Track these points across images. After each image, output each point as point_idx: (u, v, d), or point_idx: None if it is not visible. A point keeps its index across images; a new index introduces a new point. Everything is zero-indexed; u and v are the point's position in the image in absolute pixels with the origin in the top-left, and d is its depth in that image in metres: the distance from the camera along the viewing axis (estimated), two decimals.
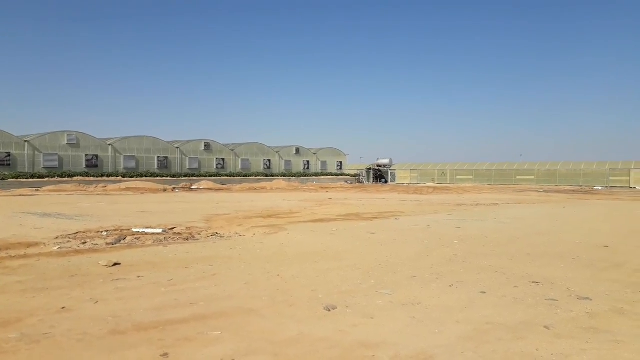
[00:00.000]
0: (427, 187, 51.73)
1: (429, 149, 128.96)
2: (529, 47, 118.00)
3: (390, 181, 68.16)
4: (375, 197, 30.51)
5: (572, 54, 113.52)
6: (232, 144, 57.37)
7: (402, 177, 68.40)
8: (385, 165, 69.76)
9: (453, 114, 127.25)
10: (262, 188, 44.59)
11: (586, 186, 53.90)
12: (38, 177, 39.51)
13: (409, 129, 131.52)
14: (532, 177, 59.96)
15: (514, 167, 61.99)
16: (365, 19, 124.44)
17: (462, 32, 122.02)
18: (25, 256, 8.79)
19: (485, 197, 31.28)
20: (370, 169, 70.58)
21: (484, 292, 6.37)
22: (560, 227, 14.29)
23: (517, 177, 60.81)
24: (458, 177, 64.68)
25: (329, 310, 5.47)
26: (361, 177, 67.66)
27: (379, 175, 70.07)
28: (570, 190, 44.75)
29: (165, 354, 4.13)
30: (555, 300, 6.02)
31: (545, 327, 4.97)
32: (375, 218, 16.59)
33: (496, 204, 24.59)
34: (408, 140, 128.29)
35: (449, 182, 63.62)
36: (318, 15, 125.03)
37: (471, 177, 63.63)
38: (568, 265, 8.30)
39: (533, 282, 6.96)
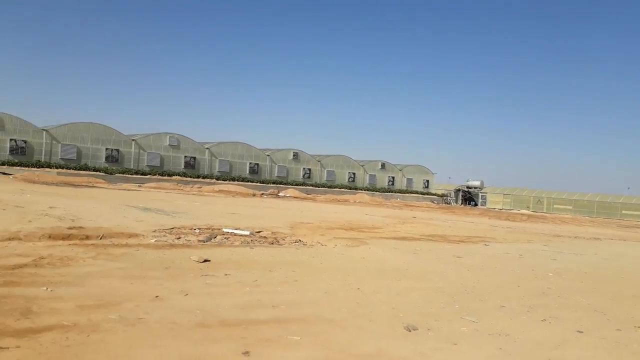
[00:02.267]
0: (521, 214, 48.98)
1: (525, 174, 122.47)
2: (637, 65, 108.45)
3: (481, 204, 65.44)
4: (463, 220, 29.43)
5: None
6: (319, 155, 58.33)
7: (494, 201, 65.41)
8: (475, 188, 67.17)
9: (553, 138, 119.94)
10: (345, 200, 44.79)
11: None
12: (141, 174, 42.80)
13: (503, 152, 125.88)
14: None
15: (620, 201, 57.01)
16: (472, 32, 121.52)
17: (567, 47, 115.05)
18: (126, 245, 9.50)
19: (585, 230, 29.00)
20: (459, 190, 68.32)
21: (581, 332, 5.86)
22: None
23: (623, 212, 55.85)
24: (555, 206, 60.67)
25: (410, 331, 5.32)
26: (449, 198, 65.68)
27: (469, 198, 67.59)
28: None
29: (247, 352, 4.23)
30: None
31: None
32: (462, 242, 15.97)
33: (598, 239, 22.68)
34: (502, 163, 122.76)
35: (545, 211, 59.83)
36: (411, 24, 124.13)
37: (570, 207, 59.40)
38: None
39: (639, 327, 6.29)
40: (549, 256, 13.53)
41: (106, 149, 43.50)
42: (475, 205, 65.41)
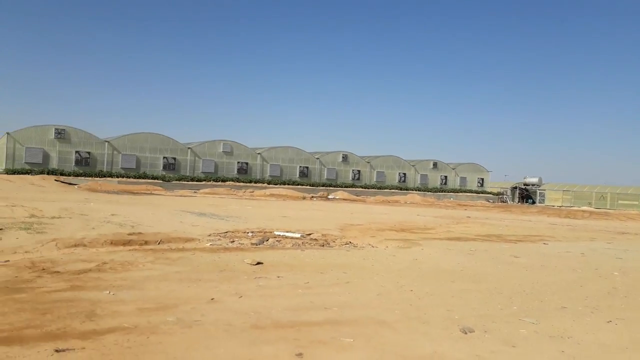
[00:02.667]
0: (582, 211, 46.69)
1: (586, 169, 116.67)
2: None
3: (539, 202, 62.97)
4: (520, 219, 28.41)
5: None
6: (368, 156, 58.04)
7: (553, 198, 62.75)
8: (533, 185, 64.71)
9: (615, 129, 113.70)
10: (396, 201, 44.30)
11: None
12: (197, 180, 44.17)
13: (563, 146, 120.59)
14: None
15: None
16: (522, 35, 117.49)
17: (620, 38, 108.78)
18: (183, 249, 9.82)
19: None
20: (516, 187, 66.05)
21: None
22: None
23: None
24: (620, 201, 57.42)
25: (466, 333, 5.18)
26: (505, 196, 63.60)
27: (526, 195, 65.20)
28: None
29: (300, 354, 4.26)
30: None
31: None
32: (520, 241, 15.41)
33: None
34: (561, 158, 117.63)
35: (608, 207, 56.76)
36: (456, 26, 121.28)
37: (636, 202, 56.04)
38: None
39: None
40: (613, 254, 12.82)
41: (163, 158, 45.19)
42: (533, 203, 62.98)
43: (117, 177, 41.12)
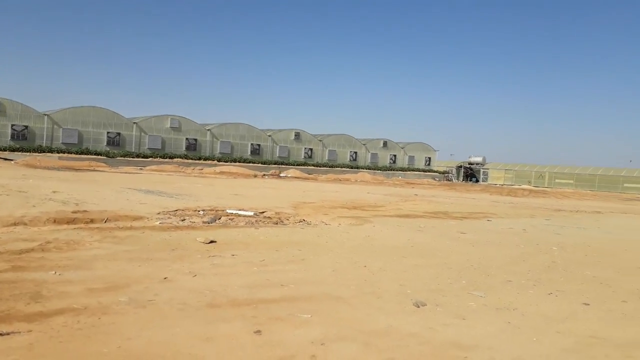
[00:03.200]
0: (523, 189, 48.99)
1: (526, 149, 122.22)
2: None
3: (482, 181, 65.43)
4: (465, 197, 29.45)
5: None
6: (321, 135, 58.13)
7: (495, 177, 65.40)
8: (477, 164, 67.05)
9: (554, 113, 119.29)
10: (347, 179, 44.78)
11: None
12: (143, 157, 42.77)
13: (505, 127, 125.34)
14: None
15: (622, 174, 56.97)
16: (466, 15, 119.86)
17: (569, 21, 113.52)
18: (131, 228, 9.52)
19: (586, 204, 29.02)
20: (460, 166, 68.21)
21: (587, 304, 5.89)
22: None
23: (625, 185, 55.84)
24: (557, 180, 60.67)
25: (418, 307, 5.35)
26: (450, 175, 65.61)
27: (470, 174, 67.52)
28: None
29: (259, 331, 4.26)
30: None
31: None
32: (465, 218, 16.00)
33: (599, 212, 22.72)
34: (503, 139, 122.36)
35: (546, 186, 59.85)
36: (411, 5, 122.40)
37: (572, 181, 59.40)
38: None
39: None
40: (552, 230, 13.56)
41: (107, 133, 43.36)
42: (477, 181, 65.39)
43: (58, 152, 39.14)
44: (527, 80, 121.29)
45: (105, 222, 10.11)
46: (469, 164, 67.74)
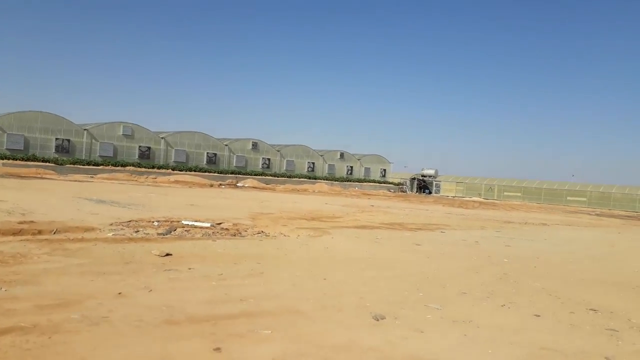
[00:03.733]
0: (473, 201, 50.53)
1: (477, 162, 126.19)
2: (583, 63, 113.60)
3: (435, 192, 67.08)
4: (418, 208, 30.09)
5: (629, 69, 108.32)
6: (278, 145, 58.00)
7: (447, 189, 67.20)
8: (430, 176, 68.76)
9: (503, 128, 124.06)
10: (305, 190, 44.85)
11: None
12: (94, 165, 41.26)
13: (456, 141, 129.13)
14: (584, 198, 57.66)
15: (565, 187, 59.79)
16: (421, 26, 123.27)
17: (517, 40, 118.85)
18: (82, 240, 9.16)
19: (533, 216, 30.27)
20: (414, 178, 69.72)
21: (538, 316, 6.13)
22: (617, 254, 13.64)
23: (568, 198, 58.61)
24: (505, 193, 62.95)
25: (378, 320, 5.41)
26: (404, 187, 66.87)
27: (423, 186, 69.12)
28: (625, 216, 42.65)
29: (218, 349, 4.18)
30: (615, 330, 5.73)
31: (606, 358, 4.73)
32: (420, 229, 16.34)
33: (545, 224, 23.75)
34: (455, 152, 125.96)
35: (495, 198, 61.98)
36: (365, 19, 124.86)
37: (519, 194, 61.79)
38: (628, 295, 7.89)
39: (591, 310, 6.64)
40: (502, 242, 14.06)
41: (56, 139, 41.59)
42: (430, 193, 66.98)
43: (2, 159, 37.18)
44: (479, 95, 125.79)
45: (54, 233, 9.68)
46: (422, 176, 69.36)
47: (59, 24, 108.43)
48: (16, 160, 37.54)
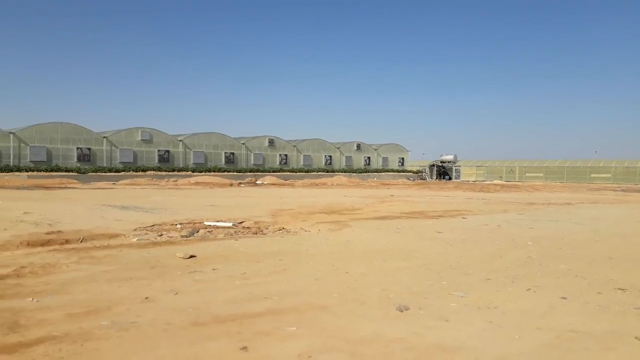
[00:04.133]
0: (495, 184, 49.93)
1: (496, 145, 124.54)
2: (600, 34, 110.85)
3: (455, 178, 66.44)
4: (439, 195, 29.87)
5: None
6: (295, 140, 58.14)
7: (467, 174, 66.48)
8: (449, 162, 68.09)
9: (522, 108, 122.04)
10: (323, 184, 44.89)
11: None
12: (115, 171, 42.01)
13: (475, 125, 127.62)
14: (609, 175, 56.44)
15: (589, 165, 58.59)
16: (434, 12, 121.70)
17: (532, 20, 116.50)
18: (108, 247, 9.36)
19: (557, 196, 29.78)
20: (433, 165, 69.17)
21: (565, 298, 6.06)
22: None
23: (592, 175, 57.44)
24: (527, 174, 62.01)
25: (402, 311, 5.42)
26: (424, 174, 66.47)
27: (443, 172, 68.52)
28: None
29: (245, 347, 4.25)
30: None
31: (636, 337, 4.66)
32: (441, 216, 16.23)
33: (570, 203, 23.34)
34: (474, 136, 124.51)
35: (517, 180, 61.12)
36: (383, 9, 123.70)
37: (541, 174, 60.81)
38: None
39: (619, 289, 6.54)
40: (526, 225, 13.87)
41: (77, 148, 42.44)
42: (450, 179, 66.36)
43: (27, 171, 38.13)
44: (494, 78, 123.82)
45: (81, 242, 9.91)
46: (441, 162, 68.74)
47: (69, 37, 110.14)
48: (40, 171, 38.45)
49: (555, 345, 4.45)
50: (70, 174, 39.08)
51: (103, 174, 40.77)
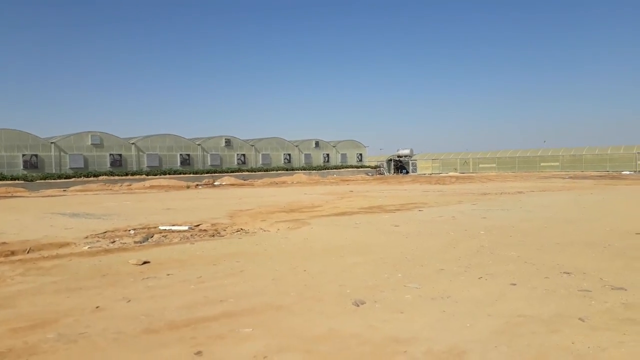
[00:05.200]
0: (450, 176, 51.19)
1: (450, 138, 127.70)
2: (549, 29, 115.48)
3: (412, 172, 67.67)
4: (397, 189, 30.34)
5: (595, 36, 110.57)
6: (252, 140, 57.63)
7: (424, 167, 67.84)
8: (406, 156, 69.23)
9: (473, 101, 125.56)
10: (283, 182, 44.77)
11: (613, 171, 52.62)
12: (65, 178, 40.37)
13: (429, 119, 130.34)
14: (557, 163, 58.85)
15: (538, 154, 60.91)
16: (383, 11, 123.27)
17: (481, 18, 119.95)
18: (57, 256, 9.00)
19: (509, 185, 30.82)
20: (390, 160, 70.15)
21: (514, 284, 6.28)
22: (589, 215, 13.99)
23: (542, 164, 59.75)
24: (481, 165, 63.87)
25: (358, 306, 5.47)
26: (382, 169, 67.31)
27: (400, 166, 69.62)
28: (597, 176, 43.77)
29: (199, 352, 4.18)
30: (588, 291, 5.90)
31: (580, 319, 4.88)
32: (398, 210, 16.50)
33: (521, 192, 24.21)
34: (428, 130, 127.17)
35: (471, 171, 62.85)
36: (334, 9, 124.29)
37: (494, 165, 62.78)
38: (599, 255, 8.12)
39: (564, 273, 6.83)
40: (479, 215, 14.29)
41: (23, 155, 40.50)
42: (407, 172, 67.54)
43: None
44: (447, 73, 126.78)
45: (28, 252, 9.48)
46: (398, 156, 69.81)
47: (13, 36, 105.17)
48: None
49: (504, 330, 4.59)
50: (17, 182, 37.30)
51: (52, 181, 39.14)
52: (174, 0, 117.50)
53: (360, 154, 68.13)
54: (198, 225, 12.94)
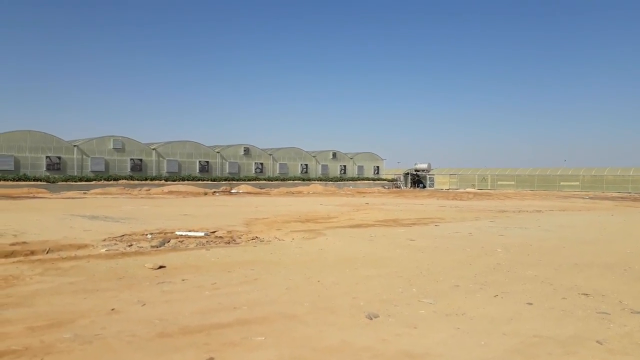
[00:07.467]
0: (467, 192, 50.70)
1: (469, 153, 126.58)
2: (575, 47, 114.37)
3: (429, 186, 67.21)
4: (413, 203, 30.16)
5: (621, 55, 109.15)
6: (270, 149, 58.03)
7: (441, 182, 67.34)
8: (423, 170, 68.84)
9: (494, 118, 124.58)
10: (299, 192, 44.87)
11: (635, 193, 51.53)
12: (86, 180, 41.15)
13: (448, 134, 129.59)
14: (577, 183, 57.87)
15: (558, 173, 60.01)
16: (408, 24, 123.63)
17: (507, 35, 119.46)
18: (75, 258, 9.15)
19: (527, 204, 30.40)
20: (408, 173, 69.82)
21: (531, 304, 6.18)
22: (609, 236, 13.72)
23: (561, 183, 58.81)
24: (499, 182, 63.14)
25: (371, 319, 5.44)
26: (398, 182, 67.02)
27: (417, 180, 69.24)
28: (618, 197, 42.92)
29: (211, 358, 4.20)
30: (607, 313, 5.78)
31: (597, 342, 4.78)
32: (414, 224, 16.39)
33: (539, 211, 23.86)
34: (447, 144, 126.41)
35: (489, 188, 62.16)
36: (356, 20, 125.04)
37: (513, 182, 61.99)
38: (619, 277, 7.96)
39: (582, 294, 6.71)
40: (496, 232, 14.12)
41: (46, 157, 41.43)
42: (424, 187, 67.11)
43: None
44: (468, 88, 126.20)
45: (47, 253, 9.66)
46: (415, 170, 69.46)
47: (38, 42, 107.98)
48: (7, 181, 37.37)
49: (519, 350, 4.52)
50: (39, 183, 38.10)
51: (73, 183, 39.87)
52: (199, 9, 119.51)
53: (378, 167, 68.03)
54: (214, 232, 13.03)
